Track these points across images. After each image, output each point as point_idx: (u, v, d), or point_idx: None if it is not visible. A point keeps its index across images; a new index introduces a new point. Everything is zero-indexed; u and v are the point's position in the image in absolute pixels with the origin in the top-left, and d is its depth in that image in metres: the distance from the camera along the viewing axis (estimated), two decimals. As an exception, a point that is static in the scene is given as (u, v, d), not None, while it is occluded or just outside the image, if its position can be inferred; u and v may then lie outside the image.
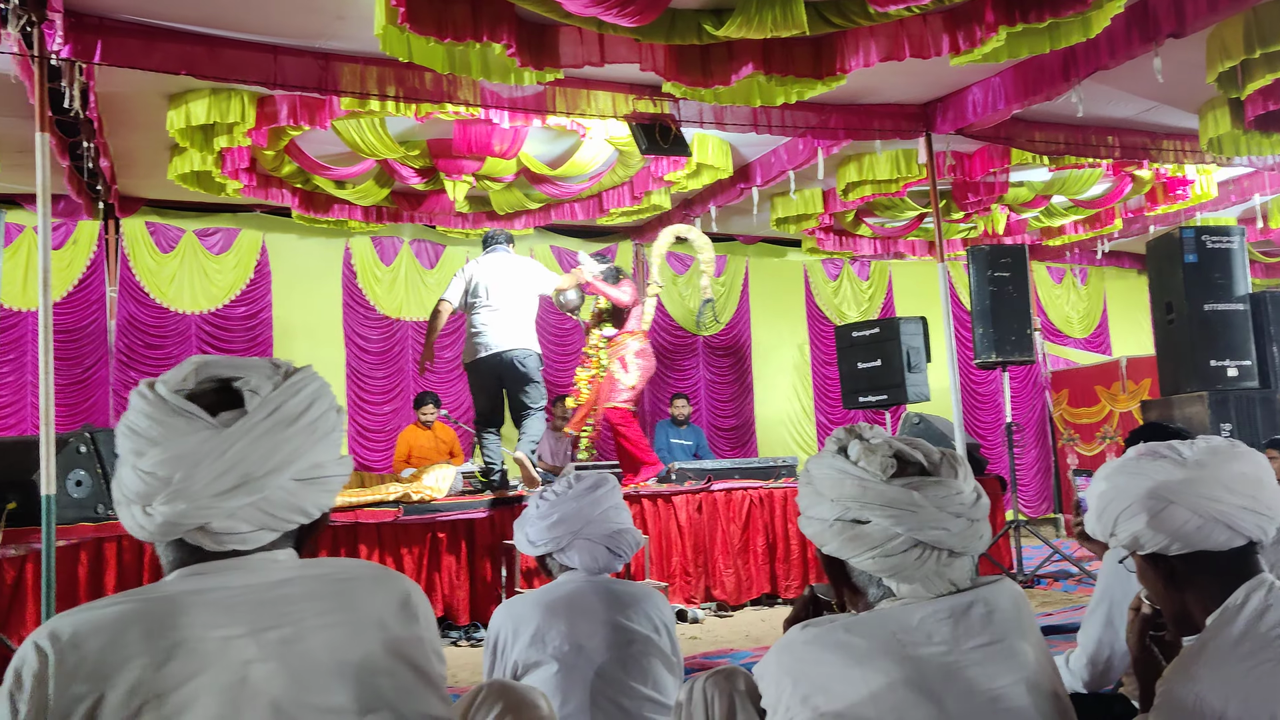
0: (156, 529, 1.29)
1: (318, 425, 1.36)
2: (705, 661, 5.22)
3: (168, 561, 1.35)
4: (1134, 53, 6.26)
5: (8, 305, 8.87)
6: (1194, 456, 1.75)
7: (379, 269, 10.54)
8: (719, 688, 1.66)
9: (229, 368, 1.37)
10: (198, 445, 1.28)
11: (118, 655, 1.20)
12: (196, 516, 1.28)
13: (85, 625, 1.23)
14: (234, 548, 1.31)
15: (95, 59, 5.66)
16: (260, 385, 1.34)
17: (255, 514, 1.31)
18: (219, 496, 1.27)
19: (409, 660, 1.35)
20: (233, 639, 1.24)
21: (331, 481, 1.39)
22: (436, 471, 6.68)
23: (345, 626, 1.31)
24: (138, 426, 1.30)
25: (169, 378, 1.35)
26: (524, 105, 6.84)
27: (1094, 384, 12.60)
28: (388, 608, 1.36)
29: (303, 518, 1.37)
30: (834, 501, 1.61)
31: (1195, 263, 7.17)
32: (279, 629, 1.27)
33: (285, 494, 1.32)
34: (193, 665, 1.21)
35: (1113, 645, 2.65)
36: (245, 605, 1.28)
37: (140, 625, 1.22)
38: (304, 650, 1.27)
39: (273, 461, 1.30)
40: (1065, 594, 7.17)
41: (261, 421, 1.30)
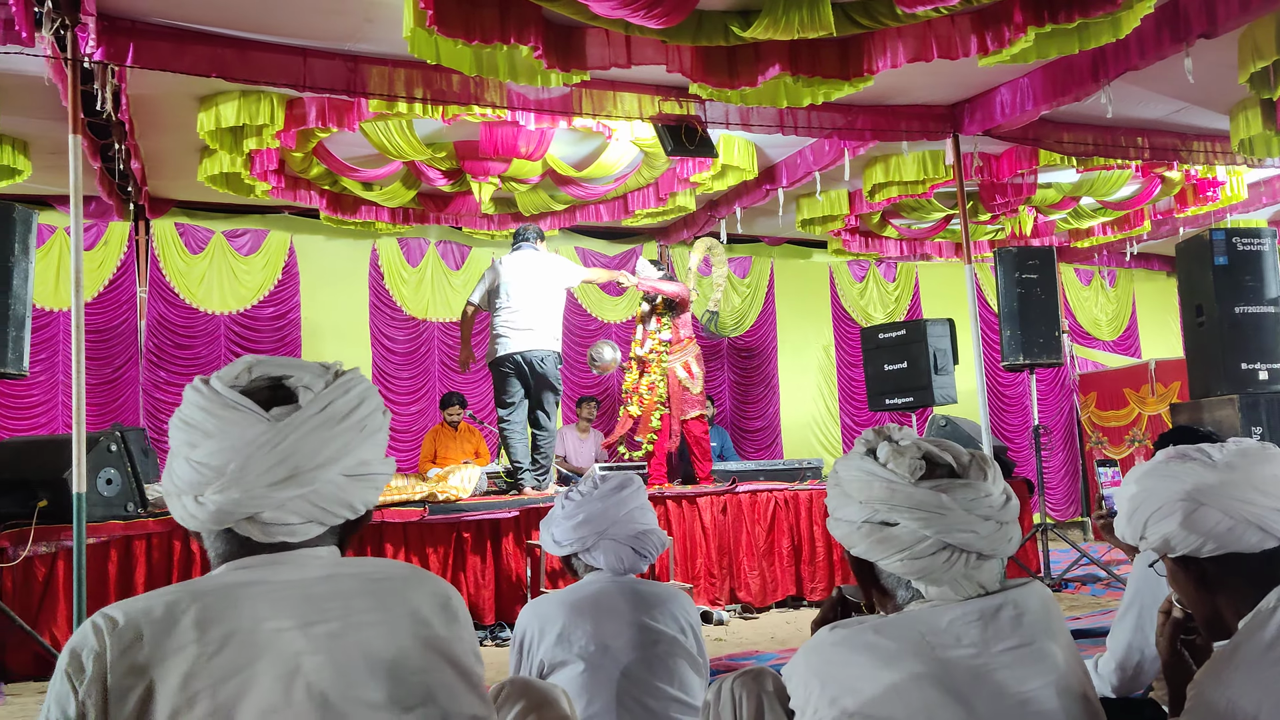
0: (208, 518, 1.33)
1: (366, 423, 1.40)
2: (730, 663, 5.22)
3: (216, 554, 1.38)
4: (1164, 53, 6.21)
5: (40, 305, 8.96)
6: (1224, 459, 1.74)
7: (405, 270, 10.60)
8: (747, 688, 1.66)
9: (281, 367, 1.42)
10: (252, 437, 1.31)
11: (172, 643, 1.23)
12: (248, 506, 1.31)
13: (139, 613, 1.26)
14: (282, 539, 1.35)
15: (127, 61, 5.72)
16: (312, 383, 1.39)
17: (305, 506, 1.34)
18: (271, 487, 1.31)
19: (451, 659, 1.37)
20: (283, 631, 1.27)
21: (377, 479, 1.43)
22: (462, 471, 6.71)
23: (389, 624, 1.34)
24: (192, 419, 1.34)
25: (223, 374, 1.40)
26: (550, 107, 6.86)
27: (1123, 387, 12.49)
28: (430, 607, 1.39)
29: (349, 513, 1.40)
30: (862, 503, 1.61)
31: (1226, 265, 7.10)
32: (326, 623, 1.30)
33: (334, 488, 1.36)
34: (245, 656, 1.24)
35: (1143, 649, 2.63)
36: (293, 599, 1.31)
37: (193, 615, 1.25)
38: (350, 645, 1.30)
39: (323, 455, 1.34)
40: (1093, 598, 7.12)
41: (313, 416, 1.35)
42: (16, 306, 5.24)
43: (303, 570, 1.35)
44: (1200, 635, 1.89)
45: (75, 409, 5.12)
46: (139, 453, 6.01)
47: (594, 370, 7.95)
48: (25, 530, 5.16)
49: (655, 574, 6.43)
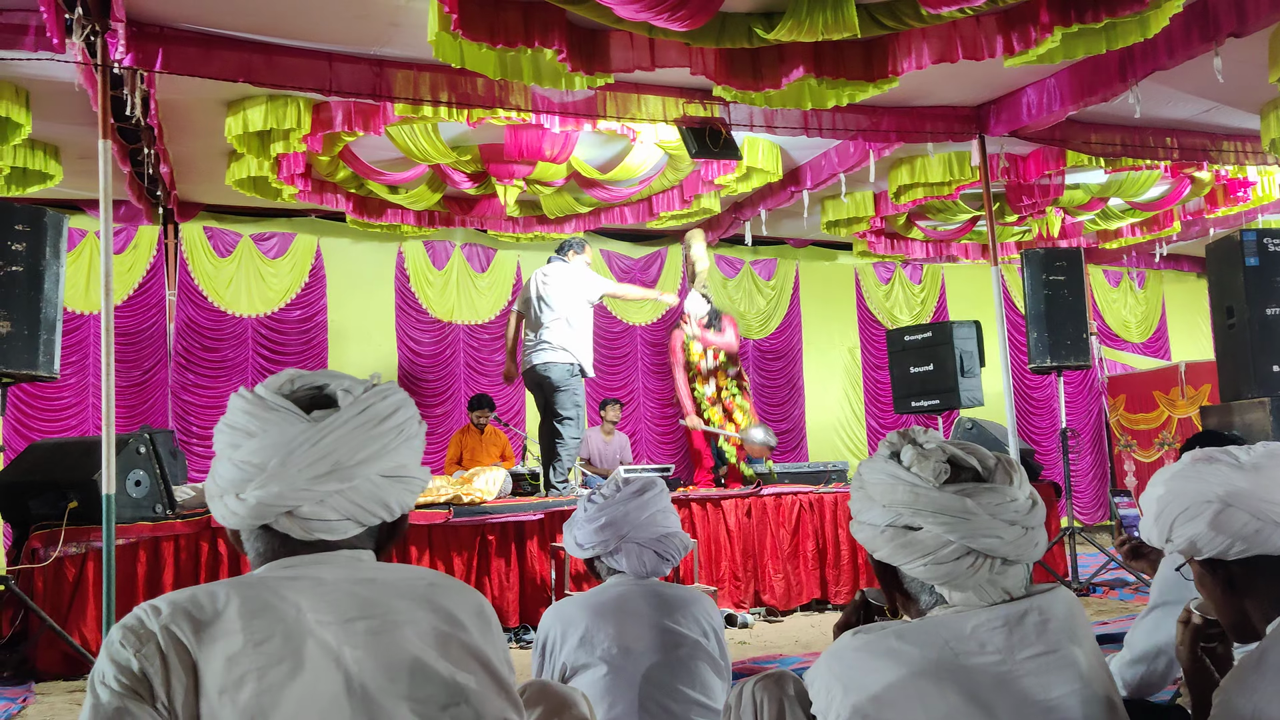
0: (249, 513, 1.37)
1: (403, 429, 1.45)
2: (754, 666, 5.21)
3: (256, 553, 1.42)
4: (1193, 52, 6.15)
5: (71, 309, 9.05)
6: (1251, 460, 1.72)
7: (431, 273, 10.64)
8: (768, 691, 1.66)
9: (323, 377, 1.49)
10: (293, 435, 1.37)
11: (218, 628, 1.27)
12: (289, 499, 1.36)
13: (185, 600, 1.30)
14: (320, 536, 1.39)
15: (156, 67, 5.78)
16: (352, 387, 1.46)
17: (343, 503, 1.39)
18: (312, 481, 1.36)
19: (484, 662, 1.40)
20: (326, 624, 1.31)
21: (414, 483, 1.47)
22: (487, 474, 6.73)
23: (427, 625, 1.37)
24: (236, 423, 1.40)
25: (268, 383, 1.46)
26: (575, 110, 6.88)
27: (1152, 389, 12.39)
28: (466, 613, 1.42)
29: (386, 514, 1.45)
30: (886, 507, 1.59)
31: (1256, 266, 7.02)
32: (367, 620, 1.34)
33: (372, 487, 1.41)
34: (291, 644, 1.28)
35: (1162, 648, 2.61)
36: (335, 596, 1.34)
37: (237, 605, 1.29)
38: (389, 642, 1.33)
39: (362, 454, 1.39)
40: (1121, 603, 7.05)
41: (354, 418, 1.40)
42: (48, 310, 5.29)
43: (344, 570, 1.39)
44: (1221, 643, 1.88)
45: (105, 411, 5.17)
46: (167, 455, 6.06)
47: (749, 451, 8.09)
48: (56, 531, 5.22)
49: (679, 577, 6.43)
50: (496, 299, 10.89)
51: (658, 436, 11.30)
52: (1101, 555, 7.95)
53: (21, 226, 5.19)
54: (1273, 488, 1.67)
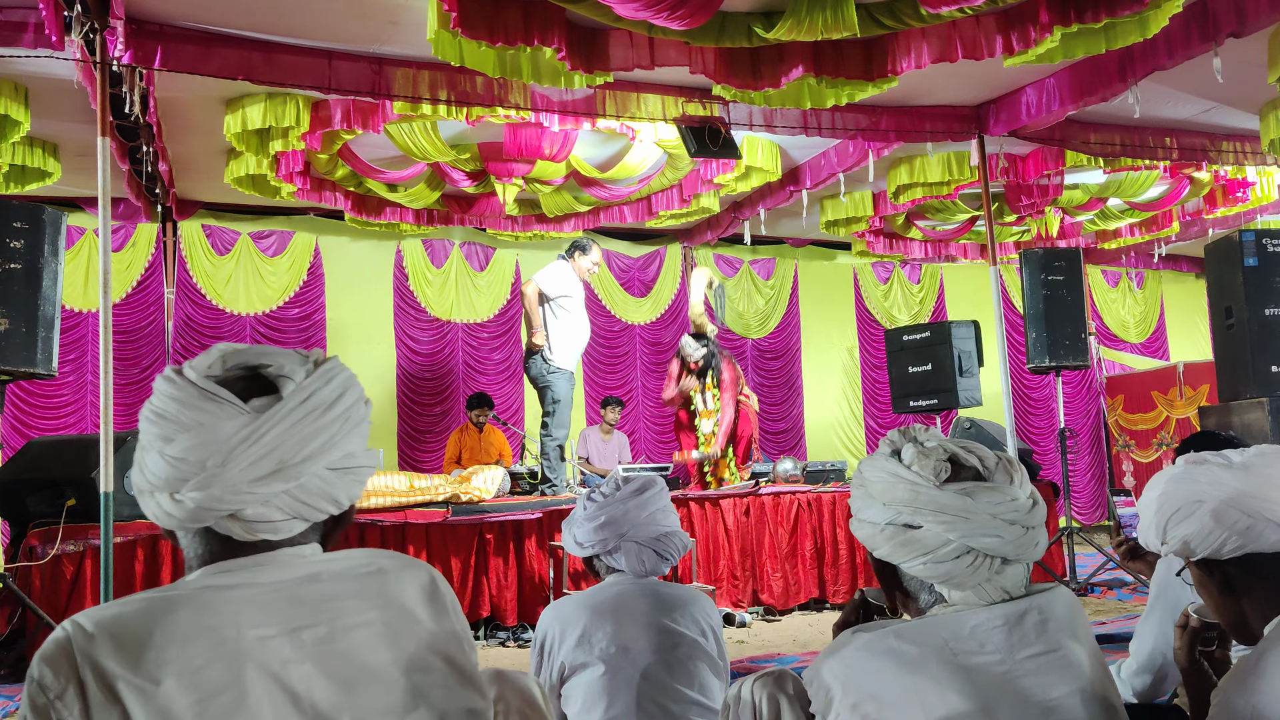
0: (186, 515, 1.25)
1: (350, 414, 1.33)
2: (751, 666, 5.21)
3: (194, 555, 1.31)
4: (1193, 52, 6.15)
5: (69, 306, 9.04)
6: (1242, 460, 1.73)
7: (430, 271, 10.64)
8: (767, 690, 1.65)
9: (257, 355, 1.35)
10: (232, 431, 1.24)
11: (150, 657, 1.17)
12: (231, 503, 1.24)
13: (111, 621, 1.19)
14: (265, 536, 1.28)
15: (155, 65, 5.78)
16: (293, 372, 1.32)
17: (290, 502, 1.28)
18: (255, 483, 1.24)
19: (444, 655, 1.33)
20: (268, 639, 1.21)
21: (362, 472, 1.36)
22: (485, 473, 6.73)
23: (380, 624, 1.29)
24: (166, 412, 1.27)
25: (196, 364, 1.32)
26: (574, 108, 6.88)
27: (1150, 389, 12.39)
28: (418, 600, 1.34)
29: (334, 508, 1.34)
30: (886, 505, 1.59)
31: (1255, 266, 7.02)
32: (314, 628, 1.24)
33: (320, 482, 1.30)
34: (231, 671, 1.18)
35: (1165, 654, 2.61)
36: (278, 603, 1.24)
37: (170, 626, 1.19)
38: (341, 650, 1.25)
39: (308, 449, 1.27)
40: (1119, 603, 7.06)
41: (296, 408, 1.27)
42: (46, 307, 5.28)
43: (286, 571, 1.28)
44: (1218, 646, 1.89)
45: (103, 409, 5.16)
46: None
47: None
48: (54, 529, 5.22)
49: (677, 576, 6.43)
50: (495, 298, 10.90)
51: (656, 435, 11.30)
52: (1099, 555, 7.96)
53: (20, 224, 5.18)
54: (1264, 485, 1.68)
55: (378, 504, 6.09)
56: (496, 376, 10.74)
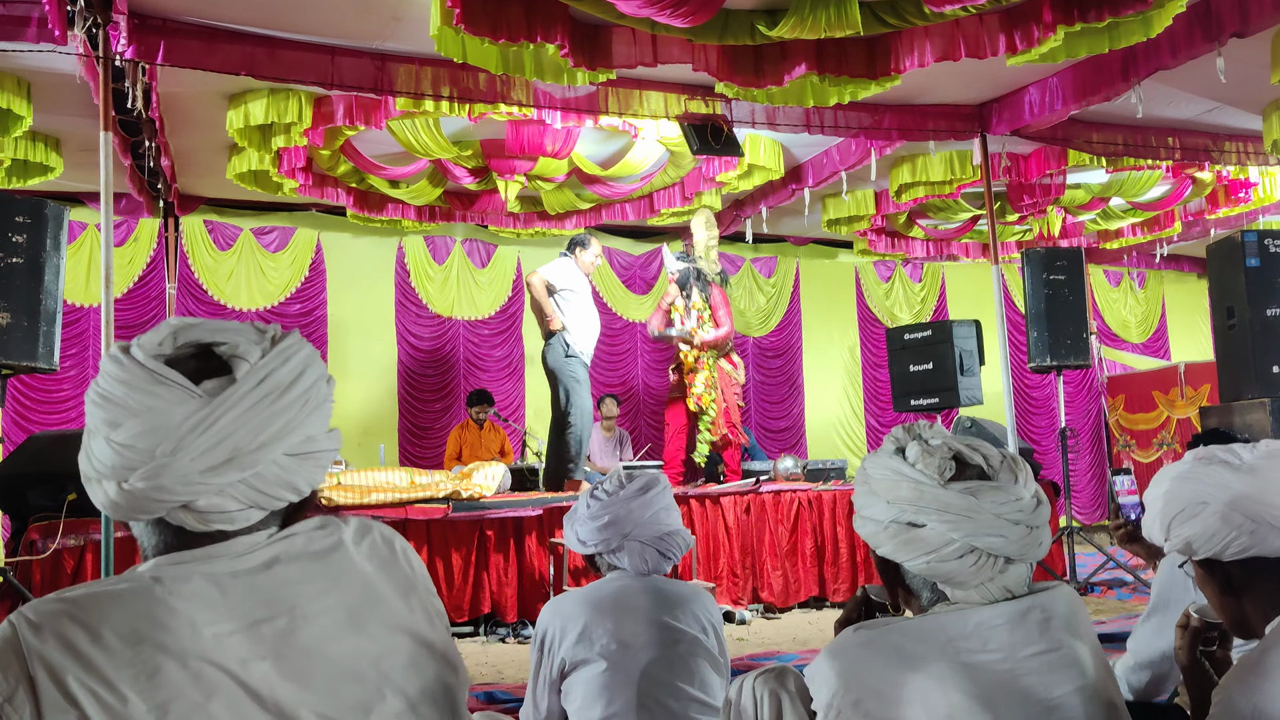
0: (135, 505, 1.17)
1: (310, 396, 1.24)
2: (752, 663, 5.21)
3: (148, 544, 1.23)
4: (1196, 52, 6.15)
5: (71, 301, 9.04)
6: (1251, 461, 1.72)
7: (431, 268, 10.64)
8: (769, 686, 1.65)
9: (210, 331, 1.25)
10: (182, 417, 1.16)
11: (100, 658, 1.09)
12: (182, 494, 1.16)
13: (58, 616, 1.12)
14: (220, 527, 1.20)
15: (158, 60, 5.78)
16: (248, 351, 1.23)
17: (246, 491, 1.20)
18: (207, 473, 1.16)
19: (410, 632, 1.27)
20: (224, 636, 1.14)
21: (323, 456, 1.28)
22: (486, 469, 6.73)
23: (341, 609, 1.22)
24: (112, 395, 1.18)
25: (145, 341, 1.23)
26: (576, 106, 6.87)
27: (1152, 389, 12.39)
28: (379, 574, 1.27)
29: (294, 495, 1.26)
30: (890, 503, 1.58)
31: (1257, 267, 7.01)
32: (273, 621, 1.17)
33: (278, 469, 1.22)
34: (188, 673, 1.11)
35: (1164, 651, 2.61)
36: (234, 596, 1.17)
37: (121, 624, 1.11)
38: (302, 644, 1.18)
39: (264, 435, 1.19)
40: (1120, 602, 7.06)
41: (251, 391, 1.19)
42: (48, 302, 5.28)
43: (242, 560, 1.20)
44: (1219, 646, 1.89)
45: (104, 404, 5.15)
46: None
47: None
48: (54, 523, 5.22)
49: (678, 573, 6.43)
50: (497, 294, 10.90)
51: (657, 433, 11.29)
52: (1100, 555, 7.96)
53: (22, 218, 5.18)
54: (1269, 490, 1.67)
55: (378, 500, 6.09)
56: (498, 373, 10.74)
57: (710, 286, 7.97)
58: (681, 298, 7.94)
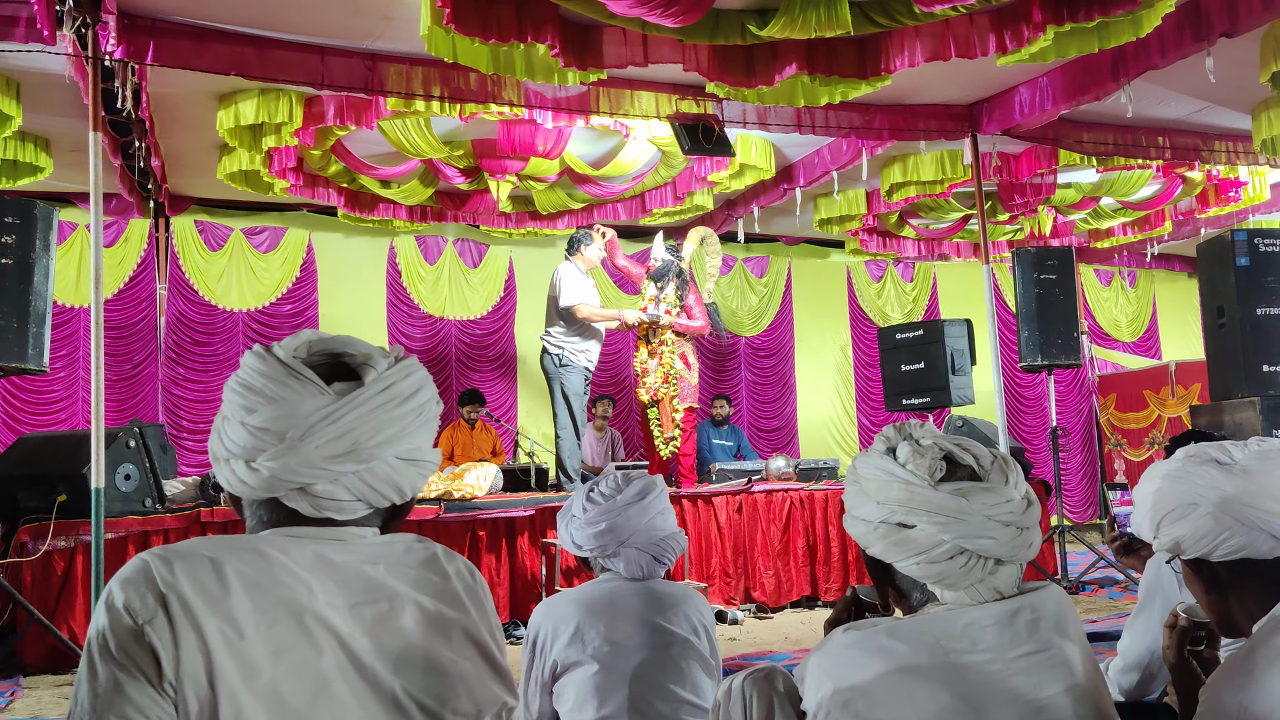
0: (260, 484, 1.30)
1: (423, 410, 1.39)
2: (744, 663, 5.21)
3: (258, 521, 1.36)
4: (1185, 52, 6.17)
5: (61, 301, 9.02)
6: (1243, 462, 1.71)
7: (423, 268, 10.63)
8: (757, 687, 1.65)
9: (342, 344, 1.41)
10: (313, 409, 1.30)
11: (230, 604, 1.20)
12: (303, 475, 1.29)
13: (192, 556, 1.23)
14: (330, 514, 1.33)
15: (147, 60, 5.77)
16: (377, 362, 1.38)
17: (357, 483, 1.33)
18: (329, 460, 1.30)
19: (482, 647, 1.37)
20: (336, 607, 1.26)
21: (426, 466, 1.41)
22: (478, 470, 6.72)
23: (431, 609, 1.34)
24: (253, 384, 1.32)
25: (284, 344, 1.39)
26: (567, 105, 6.87)
27: (1142, 388, 12.42)
28: (464, 590, 1.39)
29: (397, 496, 1.39)
30: (880, 504, 1.58)
31: (1247, 266, 7.03)
32: (374, 605, 1.30)
33: (388, 469, 1.35)
34: (303, 629, 1.23)
35: (1155, 653, 2.61)
36: (344, 577, 1.29)
37: (248, 577, 1.23)
38: (395, 630, 1.30)
39: (382, 436, 1.33)
40: (1111, 601, 7.07)
41: (376, 395, 1.34)
42: (37, 303, 5.27)
43: (351, 548, 1.33)
44: (1207, 646, 1.89)
45: (94, 405, 5.15)
46: (157, 449, 6.04)
47: None
48: (44, 524, 5.20)
49: (670, 573, 6.42)
50: (488, 294, 10.89)
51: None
52: (1091, 554, 7.98)
53: (11, 219, 5.17)
54: (1259, 494, 1.66)
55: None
56: (490, 374, 10.73)
57: (689, 287, 7.90)
58: (655, 288, 7.87)
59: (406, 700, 1.27)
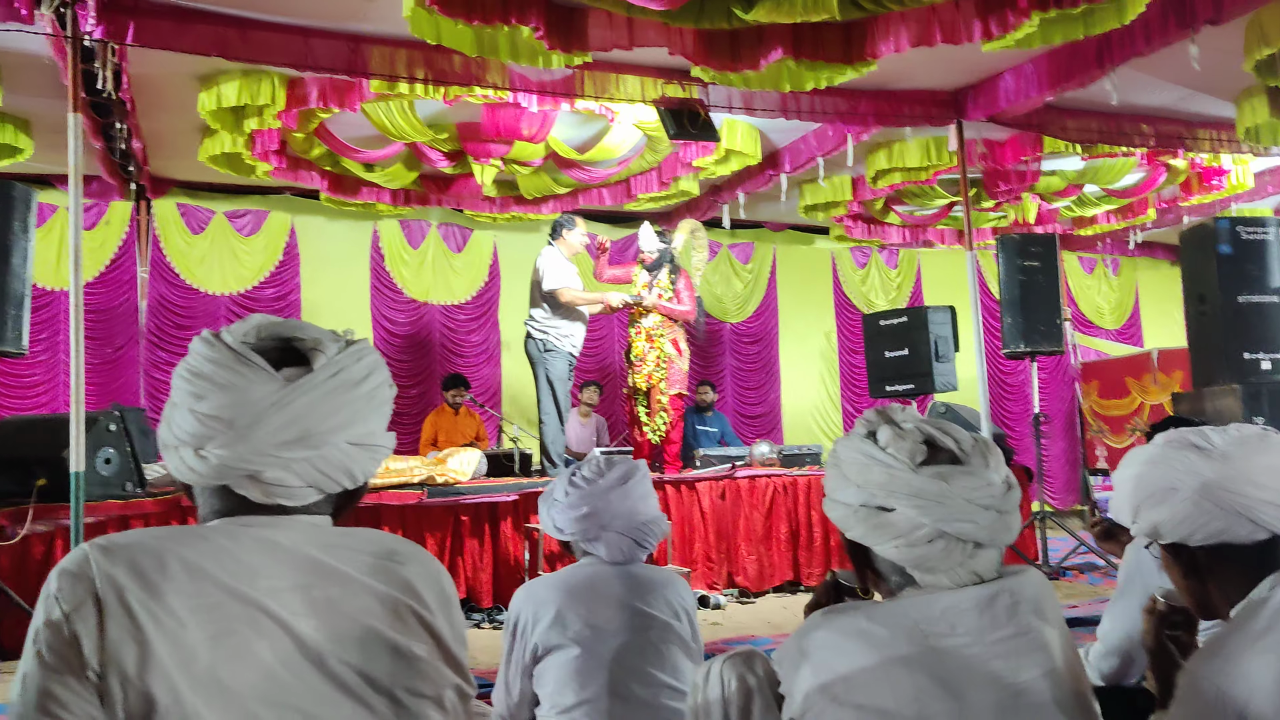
0: (210, 472, 1.30)
1: (375, 394, 1.39)
2: (726, 647, 5.21)
3: (210, 510, 1.35)
4: (1170, 39, 6.17)
5: (41, 285, 8.95)
6: (1222, 447, 1.72)
7: (407, 252, 10.59)
8: (736, 670, 1.65)
9: (292, 328, 1.40)
10: (263, 395, 1.29)
11: (168, 589, 1.20)
12: (253, 463, 1.29)
13: (133, 545, 1.23)
14: (280, 501, 1.33)
15: (128, 40, 5.70)
16: (326, 347, 1.38)
17: (309, 470, 1.32)
18: (279, 446, 1.29)
19: (438, 637, 1.36)
20: (280, 590, 1.25)
21: (379, 451, 1.42)
22: (461, 455, 6.71)
23: (384, 593, 1.32)
24: (201, 371, 1.31)
25: (234, 330, 1.37)
26: (552, 89, 6.84)
27: (1125, 375, 12.48)
28: (425, 586, 1.37)
29: (349, 481, 1.38)
30: (860, 487, 1.58)
31: (1229, 254, 7.07)
32: (323, 587, 1.28)
33: (340, 454, 1.34)
34: (244, 612, 1.22)
35: (1134, 638, 2.63)
36: (291, 560, 1.28)
37: (189, 563, 1.22)
38: (345, 611, 1.28)
39: (333, 421, 1.33)
40: (1091, 586, 7.12)
41: (327, 380, 1.33)
42: (16, 285, 5.22)
43: (302, 535, 1.32)
44: (1185, 631, 1.90)
45: (74, 388, 5.11)
46: (138, 433, 6.00)
47: None
48: (23, 509, 5.16)
49: (653, 558, 6.43)
50: (472, 279, 10.86)
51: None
52: (1072, 539, 8.02)
53: (-11, 200, 5.12)
54: (1238, 479, 1.67)
55: (353, 485, 6.06)
56: (474, 358, 10.70)
57: (680, 273, 7.89)
58: (648, 275, 7.87)
59: (355, 679, 1.26)
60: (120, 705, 1.15)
